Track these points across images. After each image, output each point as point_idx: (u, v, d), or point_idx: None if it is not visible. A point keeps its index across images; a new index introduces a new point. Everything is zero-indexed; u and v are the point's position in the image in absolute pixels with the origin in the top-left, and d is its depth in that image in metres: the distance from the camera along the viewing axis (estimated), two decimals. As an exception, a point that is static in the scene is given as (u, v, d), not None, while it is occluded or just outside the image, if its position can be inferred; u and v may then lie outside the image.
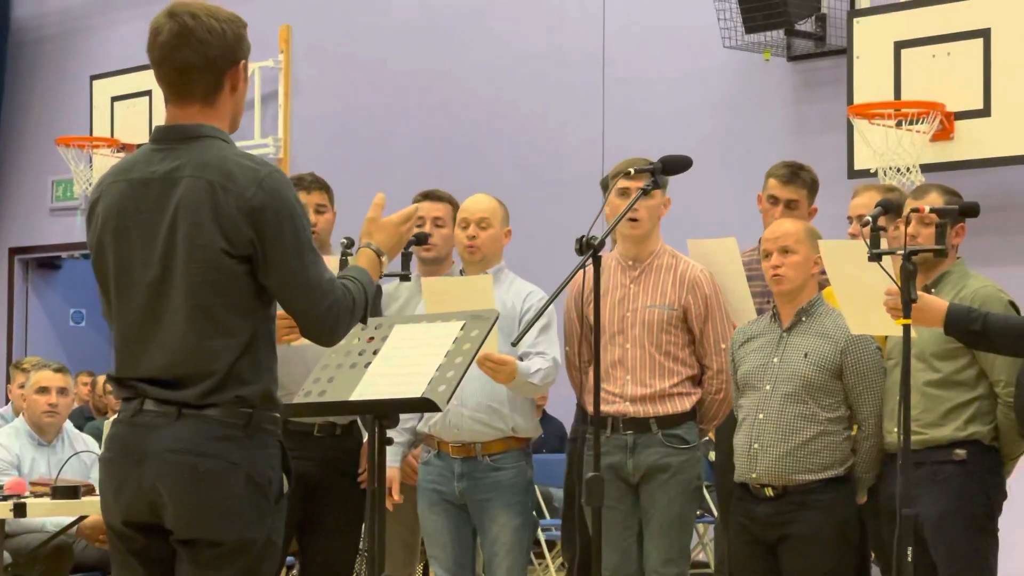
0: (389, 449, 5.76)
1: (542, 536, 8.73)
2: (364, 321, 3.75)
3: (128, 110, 11.92)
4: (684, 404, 5.58)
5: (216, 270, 3.53)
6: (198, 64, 3.59)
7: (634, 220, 5.56)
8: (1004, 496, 5.13)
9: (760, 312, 5.68)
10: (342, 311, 3.61)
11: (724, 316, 5.65)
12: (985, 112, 8.12)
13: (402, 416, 5.45)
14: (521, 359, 5.52)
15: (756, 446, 5.26)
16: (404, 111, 11.01)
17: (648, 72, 9.88)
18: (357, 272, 3.76)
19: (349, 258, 5.45)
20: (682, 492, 5.56)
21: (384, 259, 3.90)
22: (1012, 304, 5.06)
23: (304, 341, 5.08)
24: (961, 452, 5.04)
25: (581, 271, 4.70)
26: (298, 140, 11.66)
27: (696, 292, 5.60)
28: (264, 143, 11.49)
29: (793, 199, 5.99)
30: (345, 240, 5.58)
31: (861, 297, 4.81)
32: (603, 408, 5.53)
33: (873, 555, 5.54)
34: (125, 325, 3.62)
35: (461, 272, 5.81)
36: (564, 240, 4.96)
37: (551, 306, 4.97)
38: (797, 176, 6.02)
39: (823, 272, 5.56)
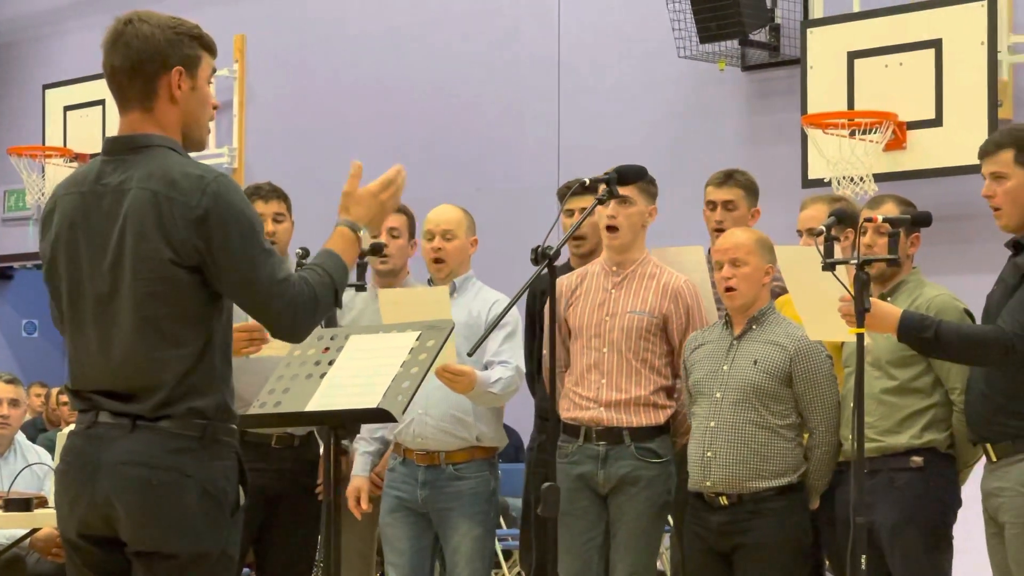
0: (358, 458, 5.81)
1: (499, 546, 8.72)
2: (338, 305, 3.70)
3: (81, 119, 11.85)
4: (659, 416, 5.58)
5: (163, 281, 3.51)
6: (124, 67, 3.58)
7: (613, 230, 5.58)
8: (959, 504, 5.16)
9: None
10: (300, 306, 3.56)
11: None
12: (937, 122, 8.18)
13: (371, 425, 5.47)
14: (486, 368, 5.52)
15: (709, 454, 5.28)
16: (360, 120, 11.00)
17: (603, 81, 9.91)
18: (323, 257, 3.70)
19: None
20: (651, 506, 5.55)
21: (363, 233, 3.80)
22: (967, 312, 5.10)
23: (263, 353, 5.06)
24: (918, 459, 5.06)
25: (537, 279, 4.70)
26: (253, 150, 11.63)
27: (678, 302, 5.61)
28: (219, 152, 11.45)
29: (728, 199, 6.03)
30: (300, 251, 5.56)
31: (818, 303, 4.84)
32: (576, 414, 5.54)
33: (828, 563, 5.57)
34: (77, 336, 3.61)
35: (429, 281, 5.82)
36: (519, 249, 4.96)
37: (516, 315, 4.98)
38: (731, 177, 6.08)
39: (775, 280, 5.59)
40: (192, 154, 3.67)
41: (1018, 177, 4.71)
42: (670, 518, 6.36)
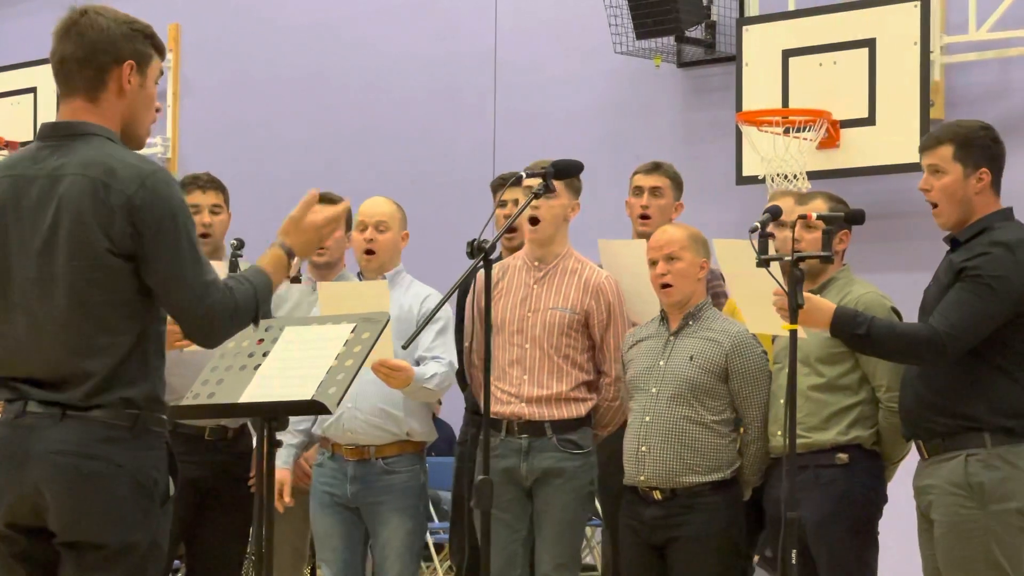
0: (280, 451, 5.75)
1: (430, 539, 8.71)
2: (255, 323, 3.72)
3: (13, 107, 11.73)
4: (580, 409, 5.60)
5: (99, 268, 3.50)
6: (76, 56, 3.60)
7: (535, 223, 5.59)
8: (885, 500, 5.20)
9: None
10: (220, 313, 3.58)
11: (626, 324, 5.68)
12: (870, 121, 8.24)
13: (295, 418, 5.45)
14: (418, 363, 5.51)
15: (644, 449, 5.30)
16: (295, 113, 10.95)
17: (539, 76, 9.91)
18: (252, 273, 3.73)
19: (240, 260, 5.43)
20: (575, 498, 5.57)
21: (296, 261, 3.88)
22: (895, 311, 5.14)
23: (197, 347, 5.03)
24: (843, 456, 5.10)
25: (475, 272, 4.71)
26: (187, 140, 11.55)
27: (600, 298, 5.62)
28: (152, 143, 11.36)
29: (656, 186, 6.11)
30: (235, 241, 5.54)
31: (755, 297, 4.87)
32: (498, 408, 5.55)
33: (757, 558, 5.61)
34: (5, 324, 3.58)
35: (360, 276, 5.79)
36: (455, 243, 4.96)
37: (448, 309, 4.98)
38: (659, 167, 6.19)
39: (713, 278, 5.62)
40: None
41: (955, 173, 4.75)
42: (599, 511, 6.38)
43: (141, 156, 3.62)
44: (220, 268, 5.35)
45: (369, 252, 5.70)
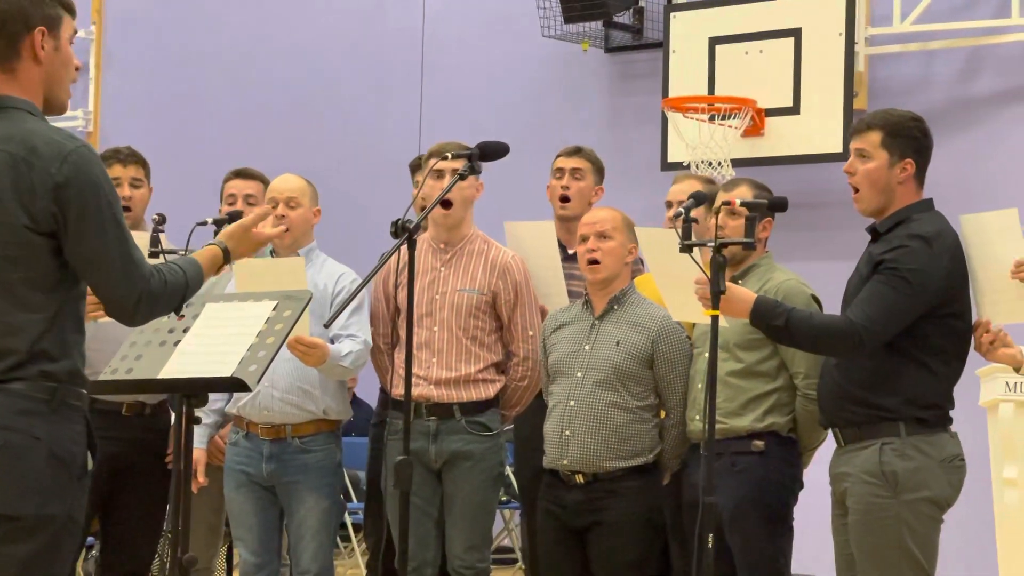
0: (196, 430, 5.72)
1: (349, 519, 8.70)
2: (177, 311, 3.70)
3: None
4: (488, 391, 5.61)
5: (18, 246, 3.45)
6: None
7: (447, 206, 5.57)
8: (800, 487, 5.24)
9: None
10: (145, 294, 3.55)
11: (533, 303, 5.69)
12: (794, 110, 8.30)
13: (210, 397, 5.41)
14: (332, 341, 5.49)
15: (567, 433, 5.31)
16: (220, 88, 10.87)
17: (467, 58, 9.90)
18: (186, 263, 3.70)
19: (161, 235, 5.38)
20: (485, 479, 5.58)
21: (231, 265, 3.88)
22: (815, 298, 5.17)
23: (109, 319, 4.97)
24: (759, 443, 5.13)
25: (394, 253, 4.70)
26: (109, 113, 11.43)
27: (506, 278, 5.62)
28: (74, 115, 11.24)
29: (577, 168, 6.14)
30: (157, 217, 5.49)
31: (677, 284, 4.88)
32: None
33: (672, 543, 5.63)
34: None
35: (272, 252, 5.75)
36: (379, 222, 4.94)
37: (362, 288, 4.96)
38: (580, 150, 6.22)
39: (636, 264, 5.64)
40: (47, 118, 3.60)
41: (880, 160, 4.78)
42: (516, 493, 6.39)
43: (64, 132, 3.56)
44: (141, 241, 5.30)
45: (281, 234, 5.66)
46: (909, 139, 4.78)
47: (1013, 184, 7.94)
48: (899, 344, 4.68)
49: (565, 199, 6.13)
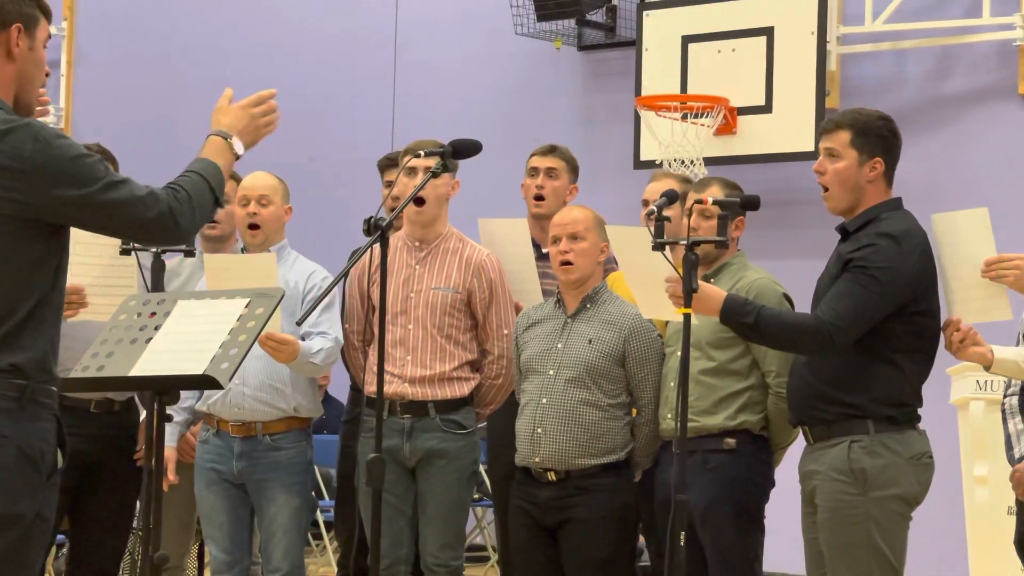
0: (167, 428, 5.70)
1: (320, 517, 8.69)
2: (220, 205, 3.71)
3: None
4: (463, 389, 5.61)
5: None
6: None
7: (420, 204, 5.56)
8: (772, 485, 5.26)
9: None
10: (174, 210, 3.54)
11: (508, 302, 5.69)
12: (767, 108, 8.33)
13: (181, 394, 5.39)
14: (303, 339, 5.48)
15: (539, 431, 5.31)
16: (192, 84, 10.83)
17: (440, 56, 9.90)
18: (193, 164, 3.68)
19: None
20: (459, 478, 5.58)
21: (234, 141, 3.80)
22: (787, 297, 5.19)
23: (81, 317, 4.95)
24: (731, 441, 5.14)
25: (367, 251, 4.69)
26: (81, 111, 11.39)
27: (481, 276, 5.62)
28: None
29: (552, 167, 6.15)
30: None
31: (649, 282, 4.89)
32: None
33: (643, 539, 5.65)
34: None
35: (243, 250, 5.74)
36: (352, 220, 4.93)
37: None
38: (555, 149, 6.23)
39: (609, 262, 5.65)
40: None
41: (850, 159, 4.80)
42: (489, 490, 6.40)
43: (12, 116, 3.53)
44: (113, 240, 5.28)
45: (253, 227, 5.65)
46: (878, 138, 4.80)
47: (983, 183, 7.98)
48: (868, 342, 4.69)
49: (540, 198, 6.13)
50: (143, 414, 5.63)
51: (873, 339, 4.69)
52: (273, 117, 3.93)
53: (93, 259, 5.13)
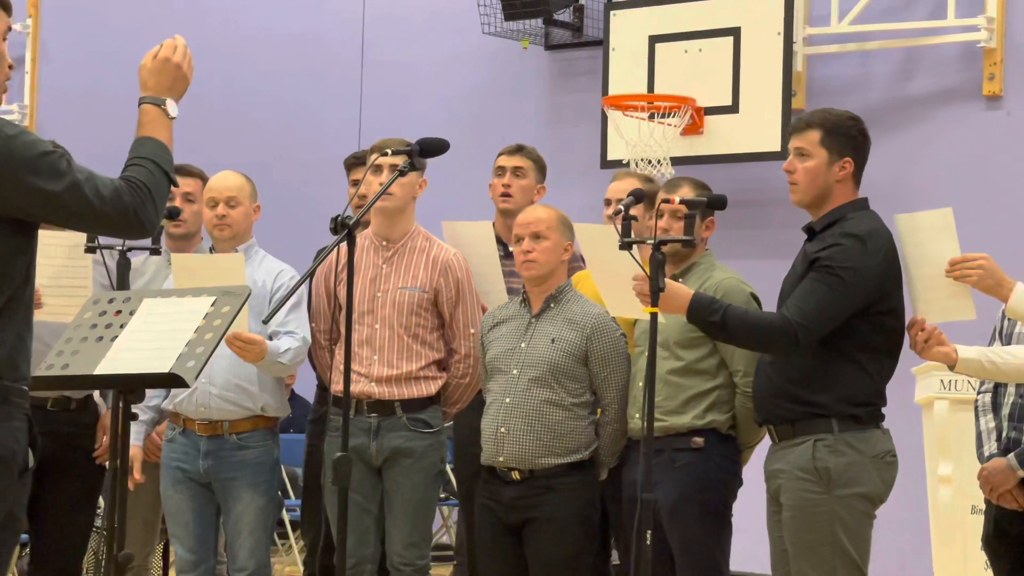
0: (132, 427, 5.68)
1: (287, 516, 8.67)
2: (174, 183, 3.67)
3: None
4: (429, 388, 5.61)
5: None
6: None
7: (387, 194, 5.56)
8: (739, 484, 5.27)
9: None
10: (137, 206, 3.51)
11: (475, 301, 5.69)
12: (734, 108, 8.35)
13: (147, 393, 5.38)
14: (270, 338, 5.47)
15: (503, 430, 5.32)
16: (157, 83, 10.79)
17: (407, 55, 9.89)
18: (137, 148, 3.65)
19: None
20: (425, 477, 5.58)
21: (168, 105, 3.76)
22: (754, 296, 5.20)
23: (42, 318, 4.92)
24: (699, 440, 5.16)
25: (334, 250, 4.69)
26: (46, 108, 11.34)
27: (448, 275, 5.62)
28: (9, 110, 11.14)
29: (519, 166, 6.17)
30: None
31: (617, 281, 4.90)
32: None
33: (613, 539, 5.65)
34: None
35: (211, 249, 5.72)
36: (319, 219, 4.92)
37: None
38: (522, 148, 6.25)
39: (575, 260, 5.65)
40: None
41: (819, 157, 4.81)
42: (456, 489, 6.39)
43: None
44: (75, 239, 5.26)
45: (221, 228, 5.63)
46: (848, 138, 4.82)
47: (948, 184, 8.01)
48: (833, 342, 4.71)
49: (507, 195, 6.15)
50: (102, 411, 5.62)
51: (838, 338, 4.71)
52: (190, 58, 3.81)
53: (46, 259, 5.09)
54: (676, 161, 8.21)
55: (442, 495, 8.16)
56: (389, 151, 4.99)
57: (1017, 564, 5.04)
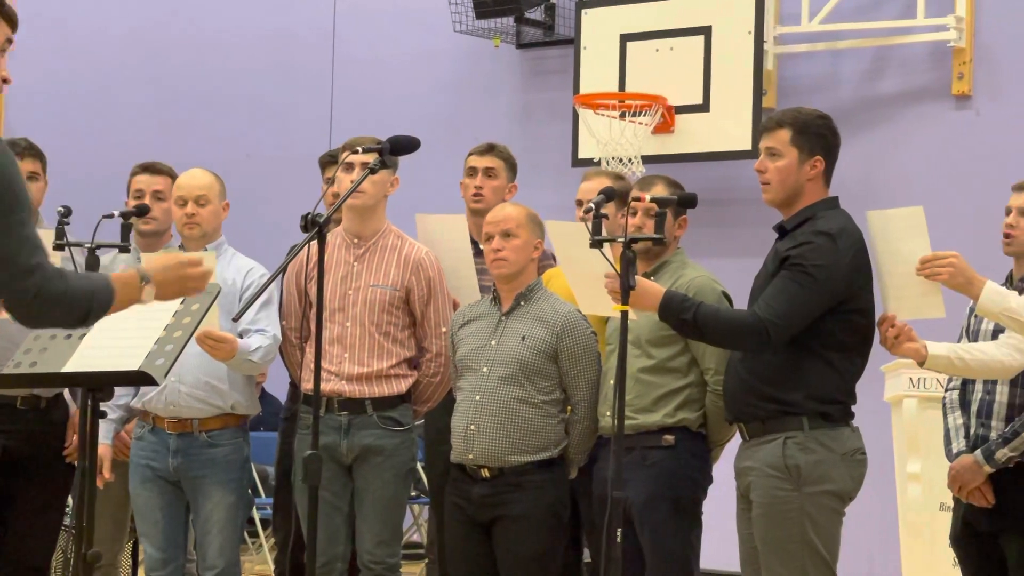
0: (101, 425, 5.65)
1: (257, 515, 8.66)
2: (85, 323, 3.55)
3: None
4: (400, 386, 5.60)
5: None
6: None
7: (358, 191, 5.54)
8: (710, 481, 5.28)
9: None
10: (45, 296, 3.42)
11: (446, 300, 5.69)
12: (704, 107, 8.36)
13: (116, 391, 5.36)
14: (241, 336, 5.46)
15: (473, 428, 5.31)
16: (127, 80, 10.76)
17: (378, 53, 9.88)
18: (97, 276, 3.60)
19: (67, 227, 5.32)
20: (396, 475, 5.57)
21: (147, 289, 3.70)
22: (725, 295, 5.21)
23: (6, 314, 4.90)
24: (670, 438, 5.16)
25: (305, 248, 4.68)
26: (13, 106, 11.28)
27: (420, 274, 5.61)
28: (-22, 107, 11.09)
29: (490, 167, 6.15)
30: (62, 209, 5.42)
31: (588, 278, 4.91)
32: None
33: (585, 537, 5.65)
34: None
35: (181, 247, 5.70)
36: (289, 217, 4.91)
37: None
38: (493, 148, 6.22)
39: (544, 258, 5.65)
40: None
41: (790, 156, 4.83)
42: (426, 486, 6.38)
43: None
44: (47, 237, 5.23)
45: (191, 226, 5.62)
46: (818, 137, 4.84)
47: (917, 183, 8.05)
48: (803, 340, 4.72)
49: (479, 195, 6.14)
50: (72, 410, 5.59)
51: (808, 336, 4.72)
52: (202, 283, 3.84)
53: None
54: (647, 160, 8.23)
55: (413, 493, 8.16)
56: (360, 149, 4.98)
57: (984, 562, 5.06)
